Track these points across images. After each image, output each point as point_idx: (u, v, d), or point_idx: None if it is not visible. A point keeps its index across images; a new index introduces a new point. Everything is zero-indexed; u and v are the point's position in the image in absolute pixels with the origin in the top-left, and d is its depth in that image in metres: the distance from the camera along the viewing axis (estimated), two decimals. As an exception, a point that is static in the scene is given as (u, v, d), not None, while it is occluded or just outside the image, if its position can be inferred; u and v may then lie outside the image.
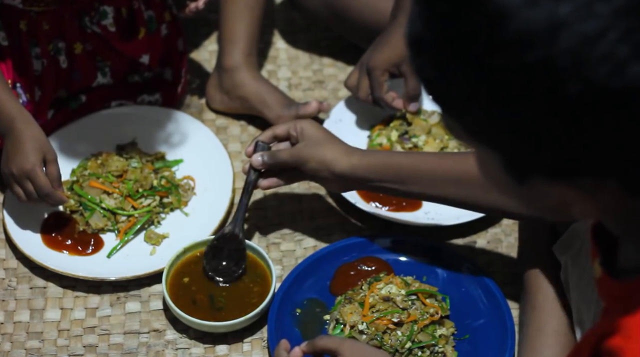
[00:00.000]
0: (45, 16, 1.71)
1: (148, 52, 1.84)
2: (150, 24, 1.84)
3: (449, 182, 1.47)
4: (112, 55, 1.82)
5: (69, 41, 1.76)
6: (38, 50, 1.73)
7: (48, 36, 1.73)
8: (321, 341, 1.35)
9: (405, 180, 1.50)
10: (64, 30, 1.75)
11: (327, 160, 1.52)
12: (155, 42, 1.85)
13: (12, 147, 1.60)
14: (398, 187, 1.51)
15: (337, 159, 1.52)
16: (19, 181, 1.59)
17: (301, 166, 1.54)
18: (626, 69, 0.76)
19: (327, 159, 1.52)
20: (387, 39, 1.76)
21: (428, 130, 1.80)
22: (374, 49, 1.78)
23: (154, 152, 1.80)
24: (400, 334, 1.48)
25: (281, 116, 1.84)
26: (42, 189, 1.58)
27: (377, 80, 1.76)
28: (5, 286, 1.66)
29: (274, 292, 1.58)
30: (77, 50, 1.78)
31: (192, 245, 1.64)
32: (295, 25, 2.11)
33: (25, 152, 1.58)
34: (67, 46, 1.76)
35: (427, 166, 1.49)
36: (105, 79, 1.84)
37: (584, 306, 1.40)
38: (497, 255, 1.71)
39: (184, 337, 1.60)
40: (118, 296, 1.65)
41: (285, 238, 1.74)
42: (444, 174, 1.48)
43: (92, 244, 1.68)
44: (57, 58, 1.76)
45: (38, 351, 1.58)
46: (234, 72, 1.87)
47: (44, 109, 1.77)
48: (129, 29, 1.81)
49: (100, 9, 1.77)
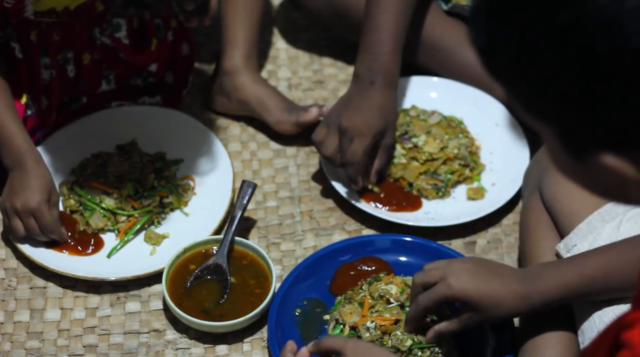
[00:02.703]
0: (55, 27, 1.71)
1: (157, 61, 1.85)
2: (159, 32, 1.84)
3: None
4: (119, 65, 1.82)
5: (78, 51, 1.76)
6: (47, 60, 1.73)
7: (58, 46, 1.73)
8: (326, 341, 1.35)
9: (594, 295, 1.38)
10: (74, 41, 1.75)
11: (505, 316, 1.39)
12: (163, 50, 1.85)
13: (20, 183, 1.62)
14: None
15: (517, 310, 1.37)
16: (22, 216, 1.61)
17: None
18: None
19: (504, 315, 1.38)
20: (374, 105, 1.66)
21: (428, 130, 1.80)
22: (356, 113, 1.66)
23: (154, 152, 1.80)
24: (399, 334, 1.48)
25: (281, 121, 1.84)
26: (47, 226, 1.61)
27: (362, 147, 1.65)
28: (5, 286, 1.66)
29: (274, 292, 1.58)
30: (86, 60, 1.78)
31: (192, 245, 1.64)
32: (295, 25, 2.11)
33: (32, 189, 1.61)
34: (76, 56, 1.76)
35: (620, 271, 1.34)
36: (109, 85, 1.85)
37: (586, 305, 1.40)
38: (497, 255, 1.71)
39: (184, 337, 1.60)
40: (118, 296, 1.65)
41: (285, 238, 1.74)
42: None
43: (92, 244, 1.68)
44: (65, 67, 1.76)
45: (38, 351, 1.58)
46: (234, 75, 1.87)
47: (50, 116, 1.77)
48: (141, 41, 1.82)
49: (113, 21, 1.78)
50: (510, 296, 1.36)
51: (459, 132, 1.82)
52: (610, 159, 0.81)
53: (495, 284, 1.36)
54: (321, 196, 1.80)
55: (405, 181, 1.78)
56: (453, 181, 1.78)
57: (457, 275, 1.37)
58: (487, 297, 1.36)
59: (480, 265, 1.40)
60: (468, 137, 1.83)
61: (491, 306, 1.36)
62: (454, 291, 1.37)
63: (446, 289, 1.37)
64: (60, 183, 1.75)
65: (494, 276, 1.37)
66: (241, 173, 1.83)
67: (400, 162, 1.78)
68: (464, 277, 1.37)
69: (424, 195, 1.77)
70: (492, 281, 1.37)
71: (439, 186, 1.77)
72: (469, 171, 1.80)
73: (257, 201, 1.78)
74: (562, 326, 1.45)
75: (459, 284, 1.36)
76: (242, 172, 1.84)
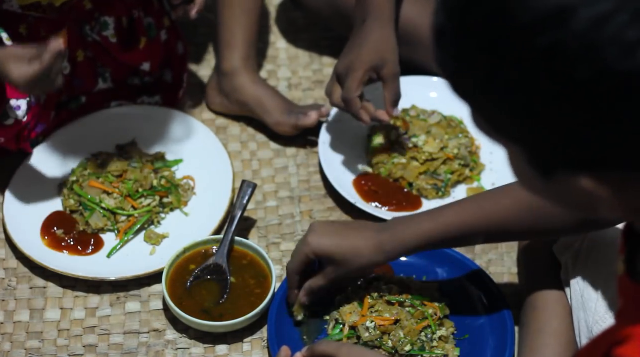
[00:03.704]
0: (43, 23, 1.71)
1: (149, 60, 1.84)
2: (150, 31, 1.84)
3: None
4: (112, 63, 1.82)
5: (71, 49, 1.76)
6: None
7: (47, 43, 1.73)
8: (320, 346, 1.36)
9: (446, 245, 1.49)
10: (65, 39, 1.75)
11: (365, 265, 1.46)
12: (155, 49, 1.85)
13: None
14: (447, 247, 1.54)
15: (373, 259, 1.45)
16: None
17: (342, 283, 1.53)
18: (636, 52, 0.74)
19: (364, 264, 1.46)
20: (365, 41, 1.66)
21: (428, 130, 1.80)
22: (349, 53, 1.68)
23: (154, 152, 1.80)
24: (402, 335, 1.48)
25: (280, 123, 1.84)
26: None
27: (355, 82, 1.65)
28: (5, 286, 1.66)
29: (274, 292, 1.58)
30: (80, 58, 1.78)
31: (192, 245, 1.64)
32: (295, 25, 2.11)
33: None
34: (70, 54, 1.76)
35: (474, 220, 1.42)
36: (106, 84, 1.85)
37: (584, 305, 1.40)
38: (497, 255, 1.71)
39: (184, 337, 1.60)
40: (118, 296, 1.65)
41: (285, 238, 1.74)
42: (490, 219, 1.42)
43: (92, 244, 1.68)
44: None
45: (38, 351, 1.58)
46: (233, 76, 1.87)
47: (49, 114, 1.77)
48: (130, 39, 1.82)
49: (101, 19, 1.77)
50: (366, 245, 1.44)
51: (459, 132, 1.82)
52: (583, 180, 0.81)
53: (351, 236, 1.45)
54: (321, 196, 1.80)
55: (405, 181, 1.78)
56: (453, 180, 1.78)
57: (315, 233, 1.46)
58: (344, 249, 1.44)
59: (339, 223, 1.53)
60: (468, 137, 1.83)
61: (349, 257, 1.44)
62: (312, 247, 1.45)
63: (305, 247, 1.46)
64: (60, 183, 1.75)
65: (351, 230, 1.46)
66: (241, 173, 1.83)
67: (400, 162, 1.78)
68: (320, 234, 1.46)
69: (424, 195, 1.77)
70: (349, 234, 1.45)
71: (439, 186, 1.77)
72: (469, 171, 1.80)
73: (257, 201, 1.78)
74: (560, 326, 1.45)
75: (316, 241, 1.45)
76: (242, 172, 1.84)
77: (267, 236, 1.74)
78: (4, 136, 1.68)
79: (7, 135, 1.68)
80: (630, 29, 0.74)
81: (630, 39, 0.74)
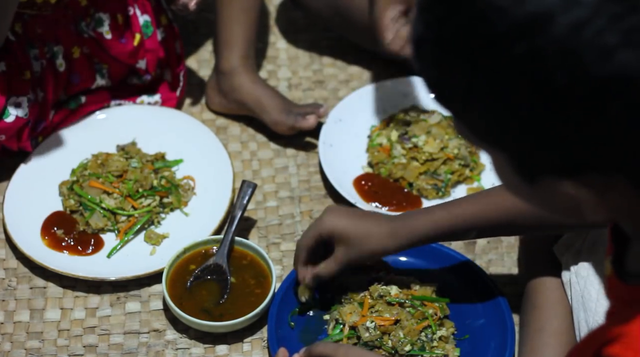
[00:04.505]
0: (38, 20, 1.71)
1: (145, 58, 1.84)
2: (146, 29, 1.84)
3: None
4: (109, 59, 1.82)
5: (67, 45, 1.76)
6: (36, 51, 1.73)
7: (42, 40, 1.73)
8: (318, 347, 1.36)
9: (455, 236, 1.51)
10: (60, 35, 1.75)
11: (378, 252, 1.48)
12: (152, 47, 1.85)
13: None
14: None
15: (385, 244, 1.47)
16: None
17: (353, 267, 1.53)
18: (614, 56, 0.75)
19: (376, 249, 1.47)
20: None
21: (428, 130, 1.80)
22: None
23: (154, 152, 1.80)
24: (402, 335, 1.48)
25: (278, 122, 1.84)
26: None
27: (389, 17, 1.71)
28: (5, 286, 1.66)
29: (274, 292, 1.58)
30: (76, 54, 1.78)
31: (192, 245, 1.64)
32: (295, 25, 2.11)
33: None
34: (65, 50, 1.76)
35: (468, 217, 1.44)
36: (104, 80, 1.84)
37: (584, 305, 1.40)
38: (497, 255, 1.71)
39: (184, 337, 1.60)
40: (118, 296, 1.65)
41: (285, 238, 1.74)
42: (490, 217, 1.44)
43: (92, 244, 1.68)
44: (53, 61, 1.76)
45: (38, 351, 1.58)
46: (232, 76, 1.87)
47: (47, 111, 1.77)
48: (125, 36, 1.82)
49: (96, 16, 1.77)
50: (379, 230, 1.46)
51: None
52: (566, 184, 0.81)
53: (366, 220, 1.47)
54: (321, 196, 1.80)
55: (405, 181, 1.78)
56: (453, 180, 1.78)
57: (331, 213, 1.48)
58: (359, 230, 1.46)
59: (354, 209, 1.57)
60: (468, 137, 1.82)
61: (363, 239, 1.46)
62: (327, 225, 1.47)
63: (321, 225, 1.47)
64: (60, 183, 1.75)
65: (366, 215, 1.49)
66: (241, 173, 1.83)
67: (400, 162, 1.78)
68: (337, 214, 1.48)
69: (424, 195, 1.77)
70: (364, 218, 1.48)
71: (439, 186, 1.77)
72: (469, 171, 1.80)
73: (257, 201, 1.78)
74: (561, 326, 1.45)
75: (331, 220, 1.47)
76: (242, 172, 1.84)
77: (267, 236, 1.74)
78: (4, 134, 1.68)
79: (7, 133, 1.69)
80: (607, 34, 0.75)
81: (608, 43, 0.75)
